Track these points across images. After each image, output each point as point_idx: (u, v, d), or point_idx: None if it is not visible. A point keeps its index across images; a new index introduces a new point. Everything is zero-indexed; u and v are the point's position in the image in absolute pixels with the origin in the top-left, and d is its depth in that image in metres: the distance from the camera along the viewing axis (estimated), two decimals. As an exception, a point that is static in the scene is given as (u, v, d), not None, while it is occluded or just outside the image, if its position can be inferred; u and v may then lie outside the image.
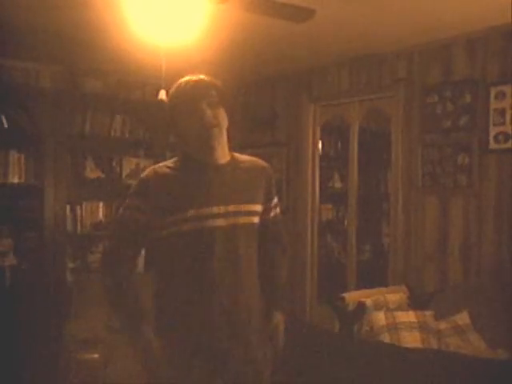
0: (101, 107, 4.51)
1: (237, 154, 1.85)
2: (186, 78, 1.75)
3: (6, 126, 3.94)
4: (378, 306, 3.32)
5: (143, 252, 1.93)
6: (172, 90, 1.76)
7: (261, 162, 1.89)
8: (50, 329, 3.76)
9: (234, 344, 1.72)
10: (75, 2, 2.96)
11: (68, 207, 4.31)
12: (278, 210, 1.95)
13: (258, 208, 1.80)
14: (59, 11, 3.12)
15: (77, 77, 4.50)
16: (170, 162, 1.79)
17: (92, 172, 4.55)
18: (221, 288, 1.68)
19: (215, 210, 1.69)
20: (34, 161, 4.09)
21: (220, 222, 1.69)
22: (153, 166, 1.79)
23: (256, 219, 1.80)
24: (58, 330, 3.72)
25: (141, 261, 3.30)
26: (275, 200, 1.92)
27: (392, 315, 3.17)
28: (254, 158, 1.90)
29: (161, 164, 1.79)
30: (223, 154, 1.77)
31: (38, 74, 4.37)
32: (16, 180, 4.02)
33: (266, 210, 1.86)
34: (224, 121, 1.74)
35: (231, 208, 1.71)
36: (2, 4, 3.04)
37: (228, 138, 1.79)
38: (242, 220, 1.74)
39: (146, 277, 1.93)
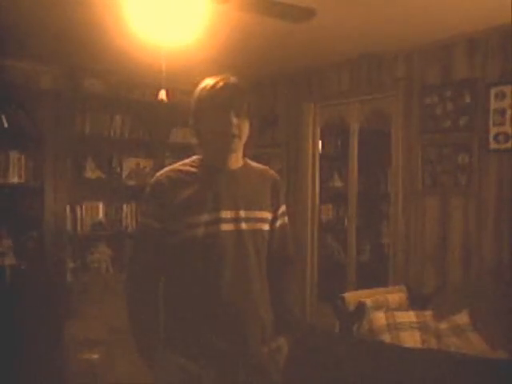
0: (101, 107, 4.52)
1: (249, 161, 1.85)
2: (221, 78, 1.71)
3: (5, 125, 3.94)
4: (377, 306, 3.32)
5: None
6: (203, 89, 1.72)
7: (270, 171, 1.90)
8: (50, 329, 3.75)
9: (242, 350, 1.70)
10: (75, 1, 2.96)
11: (68, 207, 4.31)
12: (285, 219, 1.91)
13: (267, 215, 1.80)
14: (59, 11, 3.12)
15: (77, 77, 4.50)
16: (180, 165, 1.77)
17: (92, 172, 4.55)
18: (230, 293, 1.67)
19: (226, 214, 1.68)
20: (34, 161, 4.09)
21: (230, 227, 1.68)
22: (164, 170, 1.76)
23: (265, 226, 1.79)
24: (58, 330, 3.72)
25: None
26: (281, 209, 1.88)
27: (392, 315, 3.17)
28: (264, 167, 1.90)
29: (171, 167, 1.77)
30: (237, 160, 1.77)
31: (39, 74, 4.37)
32: (16, 180, 4.02)
33: (273, 219, 1.84)
34: (245, 133, 1.74)
35: (242, 213, 1.71)
36: (1, 4, 3.04)
37: (245, 145, 1.78)
38: (252, 226, 1.73)
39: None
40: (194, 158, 1.80)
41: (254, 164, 1.88)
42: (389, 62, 4.03)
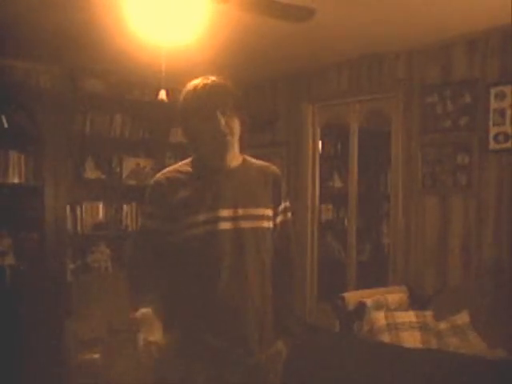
0: (101, 107, 4.51)
1: (248, 158, 1.85)
2: (201, 80, 1.72)
3: (5, 125, 3.93)
4: (378, 306, 3.32)
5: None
6: (186, 93, 1.74)
7: (271, 167, 1.89)
8: (51, 329, 3.76)
9: (239, 350, 1.70)
10: (75, 2, 2.96)
11: (68, 207, 4.31)
12: (286, 215, 1.89)
13: (268, 212, 1.79)
14: (59, 11, 3.12)
15: (77, 77, 4.50)
16: (179, 166, 1.79)
17: (92, 172, 4.54)
18: (227, 292, 1.67)
19: (224, 213, 1.68)
20: (34, 161, 4.09)
21: (228, 225, 1.69)
22: (164, 171, 1.78)
23: (266, 223, 1.77)
24: (59, 330, 3.72)
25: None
26: (283, 205, 1.87)
27: (392, 315, 3.17)
28: (265, 163, 1.89)
29: (170, 168, 1.79)
30: (233, 158, 1.78)
31: (38, 74, 4.37)
32: (16, 180, 4.01)
33: (275, 215, 1.83)
34: (237, 129, 1.74)
35: (240, 212, 1.71)
36: (2, 4, 3.04)
37: (240, 141, 1.78)
38: (251, 224, 1.73)
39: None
40: (193, 158, 1.81)
41: (254, 161, 1.87)
42: (389, 62, 4.03)
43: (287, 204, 1.89)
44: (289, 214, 1.90)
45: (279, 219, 1.86)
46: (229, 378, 1.70)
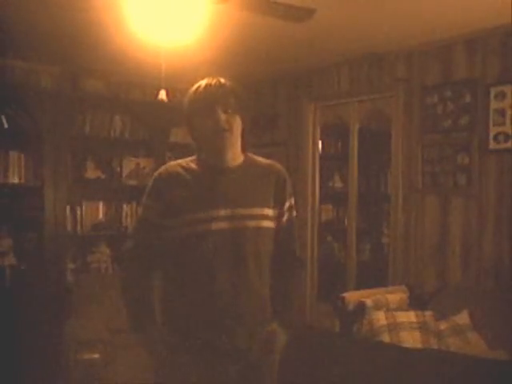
0: (101, 107, 4.52)
1: (252, 156, 1.85)
2: (207, 79, 1.75)
3: (5, 126, 3.94)
4: (378, 306, 3.32)
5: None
6: (190, 92, 1.77)
7: (275, 165, 1.87)
8: (50, 329, 3.75)
9: (236, 345, 1.71)
10: (75, 2, 2.96)
11: (68, 207, 4.31)
12: (292, 213, 1.89)
13: (269, 212, 1.77)
14: (59, 11, 3.12)
15: (77, 77, 4.51)
16: (184, 161, 1.79)
17: (92, 172, 4.55)
18: (224, 291, 1.68)
19: (221, 212, 1.68)
20: (33, 161, 4.09)
21: (225, 225, 1.68)
22: (167, 165, 1.80)
23: (266, 223, 1.76)
24: (58, 330, 3.71)
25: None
26: (288, 204, 1.86)
27: (392, 315, 3.17)
28: (269, 161, 1.88)
29: (175, 162, 1.80)
30: (234, 157, 1.77)
31: (38, 74, 4.37)
32: (16, 180, 4.02)
33: (279, 215, 1.82)
34: (237, 127, 1.74)
35: (238, 211, 1.70)
36: (2, 4, 3.04)
37: (242, 141, 1.79)
38: (249, 223, 1.72)
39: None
40: (196, 156, 1.82)
41: (258, 159, 1.86)
42: (389, 62, 4.02)
43: (292, 202, 1.89)
44: (294, 213, 1.91)
45: (285, 217, 1.86)
46: (227, 375, 1.71)
